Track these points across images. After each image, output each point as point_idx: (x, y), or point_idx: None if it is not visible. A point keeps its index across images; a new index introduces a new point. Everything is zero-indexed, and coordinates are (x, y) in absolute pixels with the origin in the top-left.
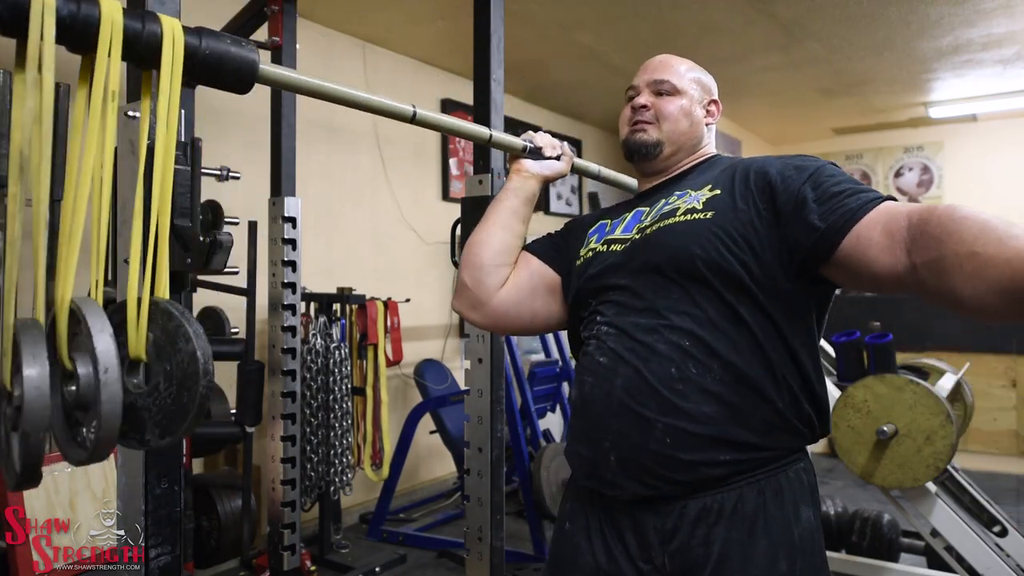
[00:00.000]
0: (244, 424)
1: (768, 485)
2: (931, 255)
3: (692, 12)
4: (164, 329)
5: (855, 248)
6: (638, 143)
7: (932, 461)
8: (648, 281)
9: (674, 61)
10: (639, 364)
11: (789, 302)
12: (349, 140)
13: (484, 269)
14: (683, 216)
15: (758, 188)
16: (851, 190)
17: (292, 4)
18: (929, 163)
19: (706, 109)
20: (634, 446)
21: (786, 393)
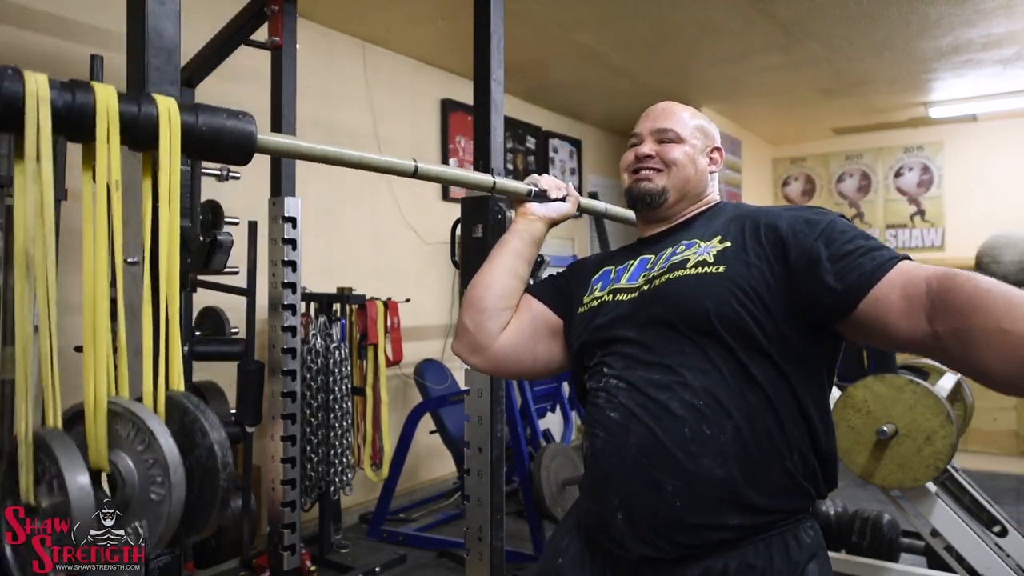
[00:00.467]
0: (244, 424)
1: (775, 543)
2: (955, 325)
3: (692, 12)
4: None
5: (872, 311)
6: (643, 192)
7: (932, 461)
8: (658, 335)
9: (677, 109)
10: (652, 424)
11: (800, 357)
12: (349, 140)
13: (486, 313)
14: (693, 269)
15: (769, 243)
16: (864, 248)
17: (292, 4)
18: (929, 163)
19: (709, 157)
20: (643, 507)
21: (796, 452)
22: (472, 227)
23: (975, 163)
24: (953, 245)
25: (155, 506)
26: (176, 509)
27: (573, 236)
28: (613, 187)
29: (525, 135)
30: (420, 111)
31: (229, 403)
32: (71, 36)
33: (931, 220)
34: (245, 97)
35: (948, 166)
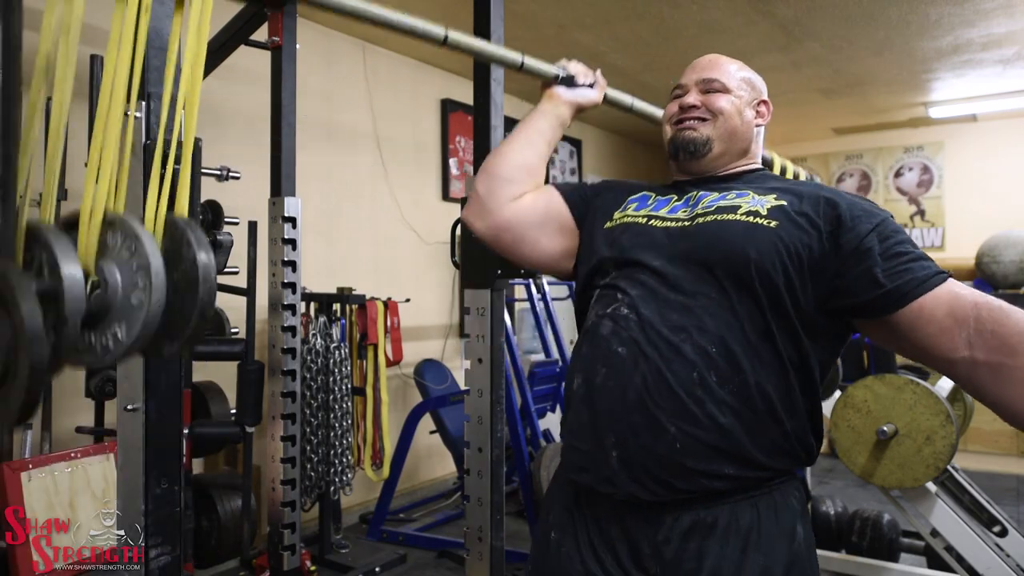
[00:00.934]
0: (244, 424)
1: (762, 502)
2: (997, 359)
3: (692, 12)
4: (171, 239)
5: (913, 319)
6: (686, 140)
7: (932, 461)
8: (687, 273)
9: (723, 60)
10: (661, 364)
11: (814, 331)
12: (349, 140)
13: (499, 179)
14: (744, 216)
15: (825, 217)
16: (915, 255)
17: (292, 4)
18: (929, 163)
19: (756, 110)
20: (642, 447)
21: (797, 418)
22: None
23: (975, 163)
24: (953, 245)
25: (135, 310)
26: (155, 312)
27: None
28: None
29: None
30: (420, 111)
31: (229, 403)
32: None
33: (931, 220)
34: (245, 97)
35: (948, 166)
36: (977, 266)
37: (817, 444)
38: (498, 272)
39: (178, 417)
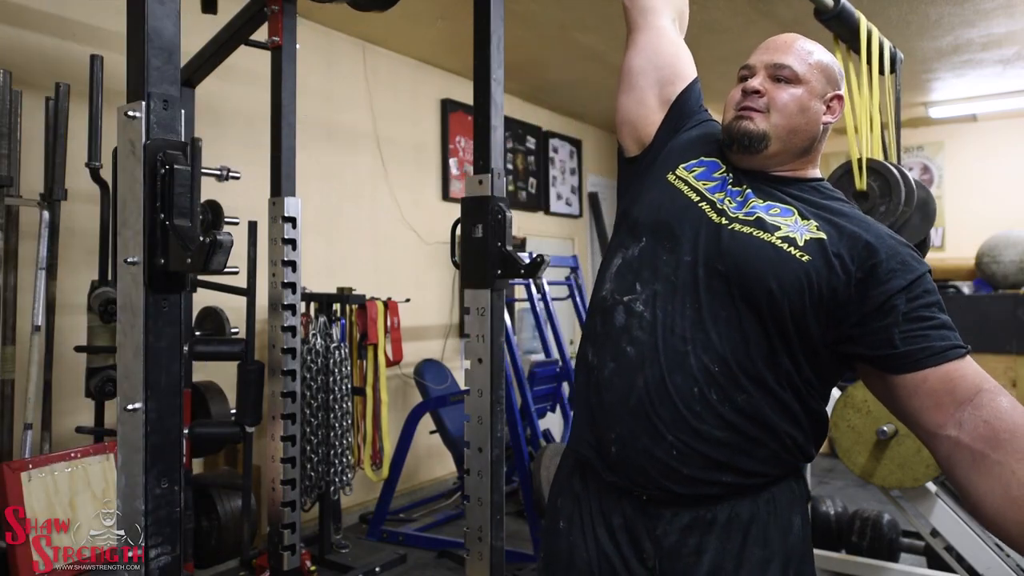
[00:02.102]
0: (244, 424)
1: (761, 496)
2: (981, 448)
3: (692, 12)
4: None
5: (915, 387)
6: (741, 131)
7: (932, 461)
8: (708, 281)
9: (800, 43)
10: (665, 372)
11: (819, 366)
12: (349, 140)
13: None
14: (779, 241)
15: (860, 263)
16: (939, 321)
17: (292, 4)
18: (929, 163)
19: (827, 104)
20: (639, 450)
21: (798, 432)
22: (472, 227)
23: (975, 163)
24: (953, 245)
25: None
26: None
27: (573, 236)
28: (613, 187)
29: (525, 135)
30: (420, 111)
31: (229, 403)
32: (71, 36)
33: None
34: (245, 97)
35: (948, 166)
36: (977, 266)
37: (817, 448)
38: (498, 272)
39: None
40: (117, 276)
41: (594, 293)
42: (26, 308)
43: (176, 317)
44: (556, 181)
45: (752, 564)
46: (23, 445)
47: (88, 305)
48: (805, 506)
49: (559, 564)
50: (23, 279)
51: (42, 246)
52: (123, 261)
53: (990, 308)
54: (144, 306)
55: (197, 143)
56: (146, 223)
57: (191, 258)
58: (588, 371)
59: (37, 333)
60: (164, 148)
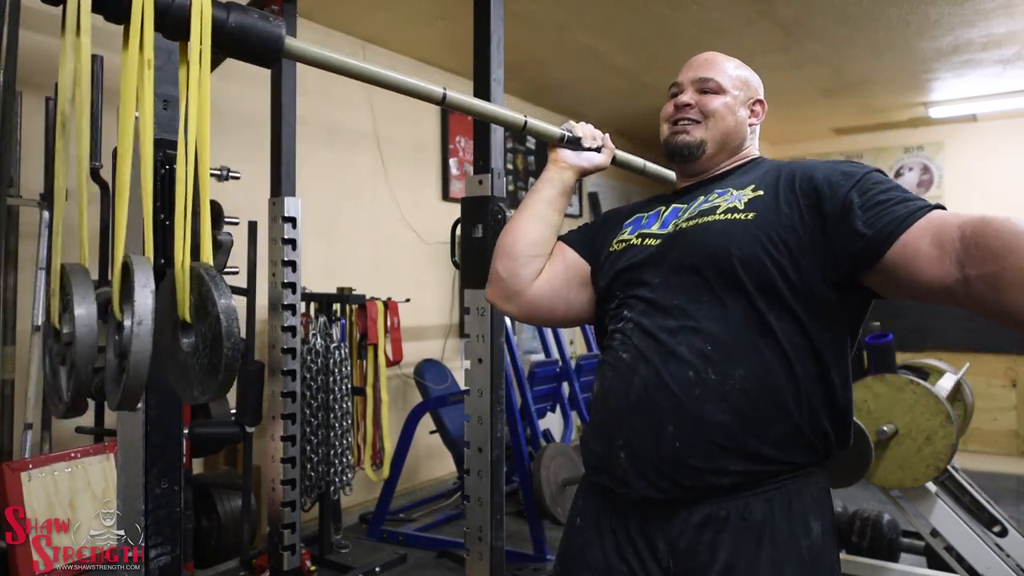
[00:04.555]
0: (244, 424)
1: (776, 496)
2: (988, 268)
3: (692, 12)
4: (199, 293)
5: (901, 257)
6: (680, 144)
7: (932, 461)
8: (680, 280)
9: (720, 59)
10: (659, 365)
11: (824, 312)
12: (349, 140)
13: (519, 259)
14: (723, 215)
15: (803, 192)
16: (899, 197)
17: (292, 4)
18: (929, 163)
19: (751, 109)
20: (645, 446)
21: (807, 408)
22: (472, 227)
23: (975, 163)
24: None
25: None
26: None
27: None
28: (613, 187)
29: (525, 135)
30: (420, 111)
31: (229, 403)
32: None
33: None
34: (245, 97)
35: (948, 166)
36: None
37: (838, 432)
38: None
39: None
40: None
41: None
42: (26, 308)
43: None
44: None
45: (764, 565)
46: (23, 445)
47: None
48: (828, 512)
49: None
50: (23, 279)
51: (42, 246)
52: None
53: None
54: None
55: None
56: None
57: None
58: (594, 399)
59: (37, 333)
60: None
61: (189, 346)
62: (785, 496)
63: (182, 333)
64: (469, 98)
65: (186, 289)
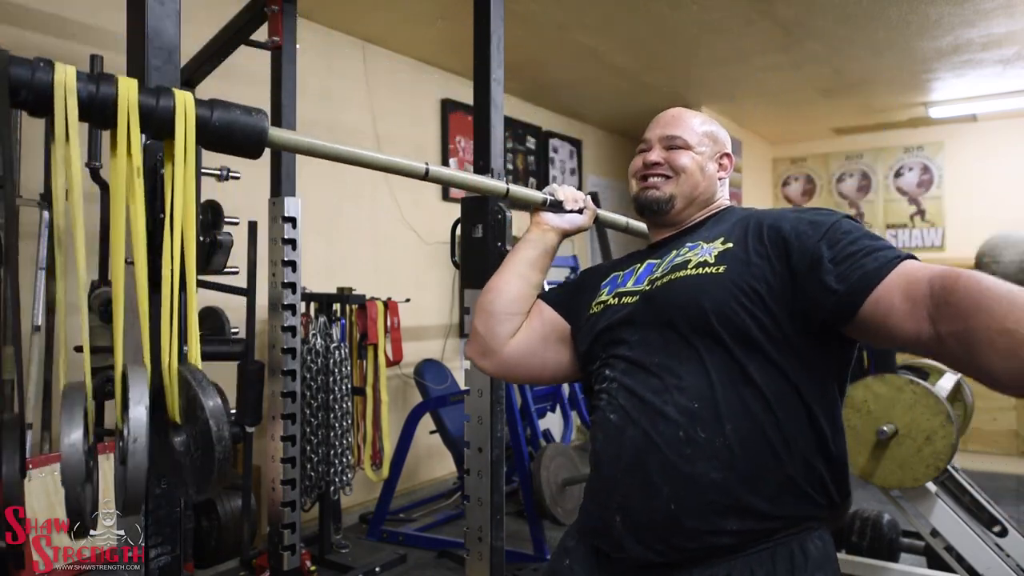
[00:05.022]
0: (244, 424)
1: (780, 553)
2: (958, 327)
3: (692, 12)
4: (187, 396)
5: (875, 313)
6: (650, 200)
7: (932, 461)
8: (658, 336)
9: (686, 115)
10: (648, 426)
11: (805, 359)
12: (349, 140)
13: (497, 317)
14: (694, 269)
15: (772, 243)
16: (868, 247)
17: (292, 4)
18: (929, 163)
19: (719, 163)
20: (640, 510)
21: (798, 457)
22: (472, 227)
23: (975, 163)
24: (953, 245)
25: None
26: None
27: (573, 238)
28: (613, 187)
29: (525, 135)
30: (420, 111)
31: (229, 403)
32: (71, 36)
33: (931, 220)
34: (245, 97)
35: (948, 166)
36: (977, 266)
37: (836, 481)
38: None
39: None
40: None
41: None
42: (26, 308)
43: None
44: (556, 181)
45: None
46: None
47: (88, 305)
48: (833, 567)
49: None
50: (23, 279)
51: (42, 246)
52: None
53: None
54: None
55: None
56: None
57: None
58: (590, 459)
59: (37, 333)
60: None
61: (181, 444)
62: (787, 554)
63: (173, 432)
64: (451, 171)
65: (174, 391)
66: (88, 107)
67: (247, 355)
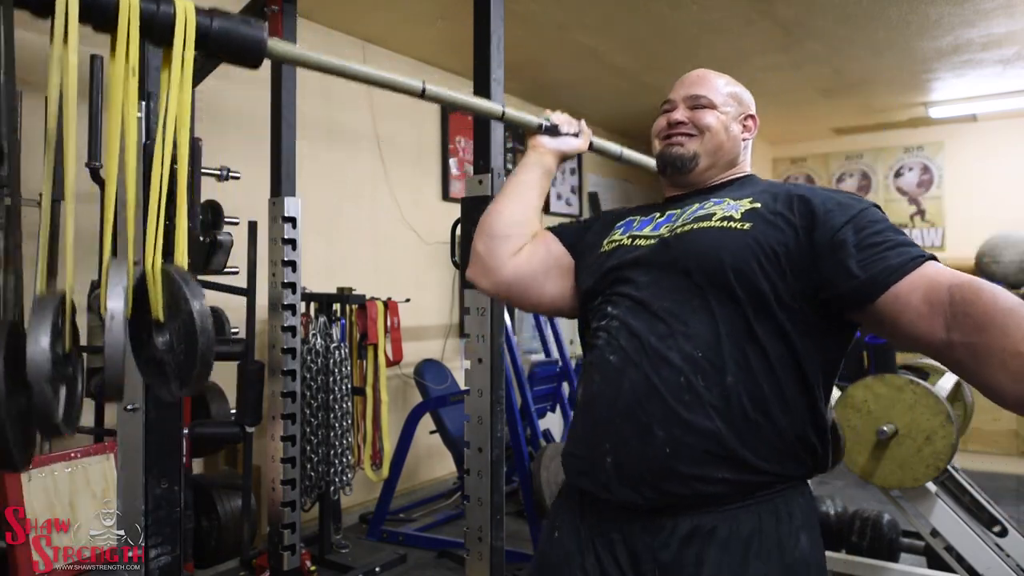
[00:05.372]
0: (244, 424)
1: (765, 509)
2: (973, 339)
3: (692, 12)
4: (170, 292)
5: (891, 307)
6: (674, 156)
7: (932, 461)
8: (670, 283)
9: (711, 76)
10: (649, 370)
11: (808, 331)
12: (349, 140)
13: (496, 238)
14: (719, 222)
15: (800, 214)
16: (893, 241)
17: (292, 4)
18: (929, 163)
19: (743, 124)
20: (633, 453)
21: (793, 419)
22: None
23: (975, 163)
24: (953, 245)
25: None
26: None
27: None
28: (613, 187)
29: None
30: (420, 111)
31: (229, 403)
32: None
33: (931, 220)
34: (245, 97)
35: (948, 166)
36: (977, 266)
37: (822, 445)
38: None
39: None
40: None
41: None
42: (26, 308)
43: None
44: (556, 181)
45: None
46: None
47: (88, 305)
48: (815, 526)
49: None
50: (23, 279)
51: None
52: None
53: None
54: None
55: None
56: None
57: (191, 258)
58: (579, 402)
59: None
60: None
61: (164, 344)
62: (773, 509)
63: (156, 332)
64: (448, 91)
65: (157, 289)
66: (89, 8)
67: (247, 355)
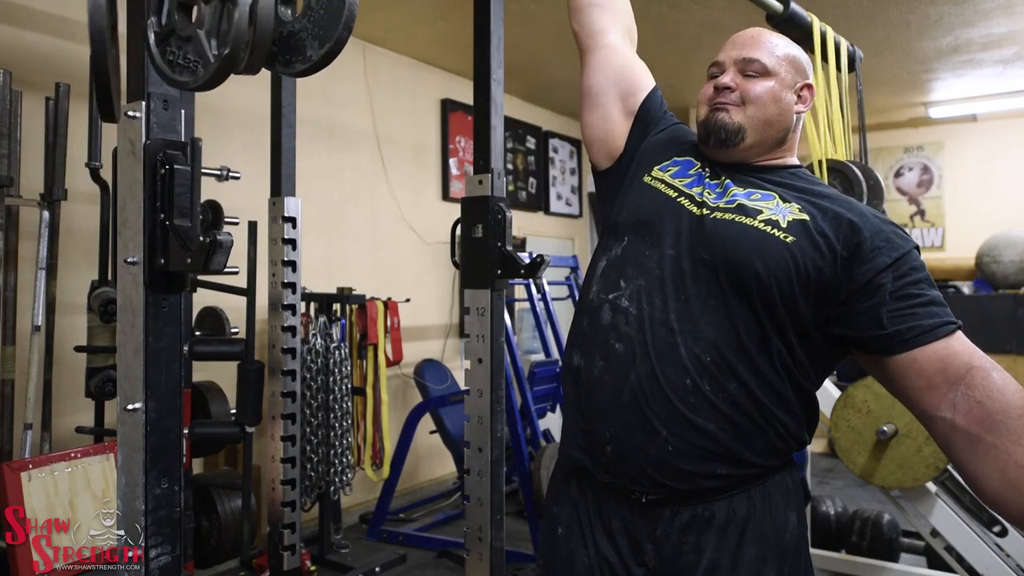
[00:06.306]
0: (244, 424)
1: (757, 493)
2: (979, 433)
3: (692, 12)
4: None
5: (906, 369)
6: (718, 125)
7: (932, 461)
8: (694, 270)
9: (766, 36)
10: (656, 366)
11: (816, 349)
12: (349, 140)
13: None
14: (762, 224)
15: (845, 242)
16: (927, 298)
17: None
18: (929, 163)
19: (798, 94)
20: (635, 447)
21: (792, 420)
22: (472, 227)
23: (975, 163)
24: (953, 245)
25: None
26: None
27: (573, 236)
28: None
29: (525, 135)
30: (420, 111)
31: (229, 403)
32: (71, 36)
33: (931, 220)
34: (245, 97)
35: (948, 166)
36: (977, 266)
37: (811, 434)
38: (498, 272)
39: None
40: (117, 276)
41: (581, 298)
42: (26, 308)
43: (176, 317)
44: (556, 181)
45: (747, 561)
46: (23, 445)
47: (88, 305)
48: (801, 502)
49: (559, 572)
50: (23, 279)
51: (42, 246)
52: (123, 261)
53: (990, 308)
54: (144, 306)
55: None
56: (146, 223)
57: (191, 258)
58: (576, 374)
59: (37, 333)
60: (164, 148)
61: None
62: (765, 493)
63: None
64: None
65: None
66: None
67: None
